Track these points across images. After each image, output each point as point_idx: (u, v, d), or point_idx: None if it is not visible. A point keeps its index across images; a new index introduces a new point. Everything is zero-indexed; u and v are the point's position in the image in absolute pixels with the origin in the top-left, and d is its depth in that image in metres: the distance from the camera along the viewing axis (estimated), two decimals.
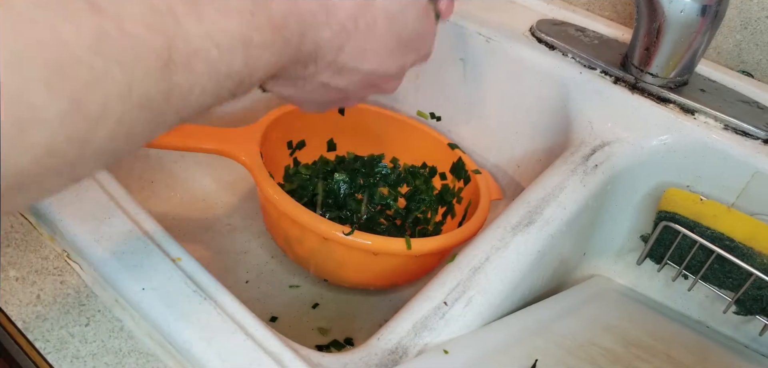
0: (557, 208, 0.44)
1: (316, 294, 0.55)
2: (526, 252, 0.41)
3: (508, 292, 0.39)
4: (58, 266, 0.34)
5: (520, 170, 0.60)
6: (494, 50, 0.59)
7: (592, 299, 0.48)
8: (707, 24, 0.48)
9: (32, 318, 0.31)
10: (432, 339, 0.35)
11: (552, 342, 0.39)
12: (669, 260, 0.51)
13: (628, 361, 0.40)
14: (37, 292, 0.32)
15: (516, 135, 0.60)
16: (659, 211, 0.51)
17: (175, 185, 0.60)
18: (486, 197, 0.53)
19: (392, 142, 0.63)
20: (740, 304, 0.49)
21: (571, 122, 0.53)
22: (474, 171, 0.56)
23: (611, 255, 0.55)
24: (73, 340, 0.30)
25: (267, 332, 0.31)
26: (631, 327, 0.45)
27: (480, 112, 0.62)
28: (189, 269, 0.34)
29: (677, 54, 0.50)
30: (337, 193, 0.60)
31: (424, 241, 0.47)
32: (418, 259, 0.48)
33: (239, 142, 0.51)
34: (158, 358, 0.30)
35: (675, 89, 0.51)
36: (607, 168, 0.48)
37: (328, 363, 0.32)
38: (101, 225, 0.35)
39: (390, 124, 0.62)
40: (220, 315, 0.31)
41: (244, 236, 0.58)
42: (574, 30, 0.60)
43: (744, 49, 0.55)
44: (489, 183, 0.56)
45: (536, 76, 0.57)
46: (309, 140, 0.61)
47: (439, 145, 0.60)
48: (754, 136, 0.49)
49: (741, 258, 0.47)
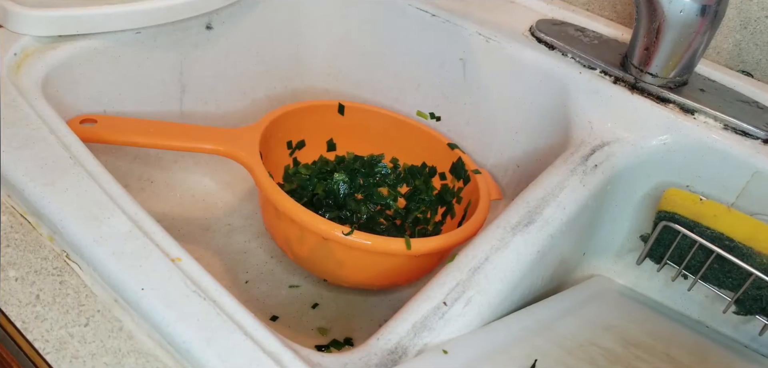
0: (557, 208, 0.44)
1: (316, 294, 0.55)
2: (526, 252, 0.41)
3: (508, 292, 0.39)
4: (57, 266, 0.34)
5: (520, 170, 0.60)
6: (494, 50, 0.59)
7: (591, 299, 0.48)
8: (707, 24, 0.48)
9: (31, 318, 0.31)
10: (431, 339, 0.35)
11: (552, 342, 0.39)
12: (669, 260, 0.51)
13: (628, 361, 0.40)
14: (36, 292, 0.32)
15: (516, 135, 0.60)
16: (659, 211, 0.51)
17: (175, 185, 0.60)
18: (486, 197, 0.53)
19: (392, 142, 0.63)
20: (740, 304, 0.49)
21: (570, 122, 0.53)
22: (474, 171, 0.56)
23: (611, 255, 0.55)
24: (73, 340, 0.30)
25: (266, 332, 0.31)
26: (630, 327, 0.45)
27: (480, 112, 0.62)
28: (189, 269, 0.34)
29: (677, 54, 0.50)
30: (337, 193, 0.60)
31: (424, 241, 0.47)
32: (417, 259, 0.48)
33: (239, 142, 0.51)
34: (158, 358, 0.30)
35: (675, 89, 0.51)
36: (607, 168, 0.48)
37: (327, 363, 0.32)
38: (101, 225, 0.35)
39: (390, 124, 0.62)
40: (220, 315, 0.31)
41: (244, 236, 0.58)
42: (574, 30, 0.60)
43: (744, 49, 0.55)
44: (489, 183, 0.56)
45: (536, 75, 0.57)
46: (309, 140, 0.61)
47: (439, 145, 0.60)
48: (753, 136, 0.49)
49: (741, 258, 0.47)
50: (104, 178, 0.38)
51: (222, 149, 0.51)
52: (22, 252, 0.34)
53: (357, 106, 0.62)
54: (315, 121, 0.61)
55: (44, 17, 0.49)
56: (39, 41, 0.49)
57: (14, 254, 0.34)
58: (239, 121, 0.64)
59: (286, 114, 0.57)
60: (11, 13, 0.48)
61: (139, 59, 0.54)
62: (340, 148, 0.63)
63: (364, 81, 0.69)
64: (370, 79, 0.68)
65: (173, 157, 0.60)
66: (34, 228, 0.36)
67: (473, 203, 0.54)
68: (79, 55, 0.50)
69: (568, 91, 0.55)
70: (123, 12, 0.51)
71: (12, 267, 0.33)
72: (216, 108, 0.62)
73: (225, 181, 0.63)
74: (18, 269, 0.33)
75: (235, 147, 0.51)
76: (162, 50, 0.55)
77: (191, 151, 0.51)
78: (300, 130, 0.60)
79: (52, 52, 0.49)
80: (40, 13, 0.48)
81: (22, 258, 0.34)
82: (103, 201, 0.36)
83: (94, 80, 0.52)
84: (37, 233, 0.35)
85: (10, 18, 0.48)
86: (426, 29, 0.62)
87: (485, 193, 0.54)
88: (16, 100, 0.42)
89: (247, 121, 0.64)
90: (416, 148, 0.62)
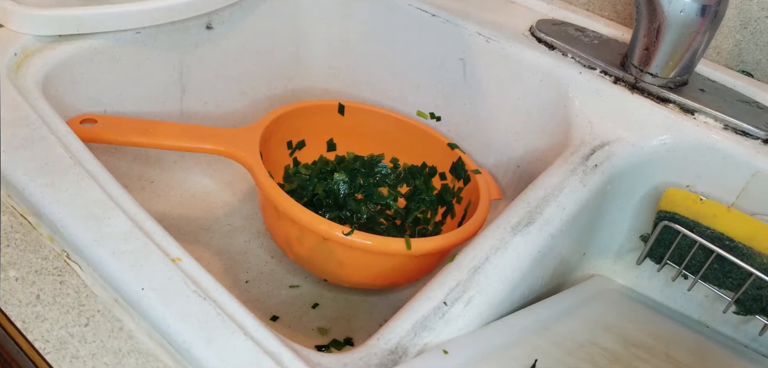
0: (557, 208, 0.44)
1: (316, 294, 0.55)
2: (526, 252, 0.41)
3: (508, 292, 0.39)
4: (57, 266, 0.34)
5: (520, 170, 0.60)
6: (494, 50, 0.59)
7: (592, 299, 0.48)
8: (707, 24, 0.48)
9: (32, 318, 0.31)
10: (432, 339, 0.35)
11: (552, 342, 0.39)
12: (669, 260, 0.51)
13: (628, 361, 0.40)
14: (36, 292, 0.32)
15: (516, 135, 0.60)
16: (659, 211, 0.51)
17: (175, 185, 0.60)
18: (486, 197, 0.53)
19: (392, 142, 0.63)
20: (740, 304, 0.49)
21: (570, 122, 0.53)
22: (474, 171, 0.56)
23: (611, 255, 0.55)
24: (73, 340, 0.30)
25: (267, 332, 0.31)
26: (630, 327, 0.45)
27: (480, 112, 0.62)
28: (189, 269, 0.34)
29: (677, 54, 0.50)
30: (337, 193, 0.59)
31: (424, 241, 0.47)
32: (417, 259, 0.48)
33: (239, 142, 0.51)
34: (158, 358, 0.30)
35: (675, 89, 0.51)
36: (607, 168, 0.48)
37: (327, 363, 0.32)
38: (101, 225, 0.35)
39: (390, 124, 0.62)
40: (220, 315, 0.31)
41: (244, 236, 0.58)
42: (574, 30, 0.60)
43: (744, 49, 0.55)
44: (489, 183, 0.56)
45: (536, 76, 0.57)
46: (309, 140, 0.61)
47: (439, 145, 0.60)
48: (753, 136, 0.49)
49: (741, 258, 0.47)
50: (104, 178, 0.38)
51: (222, 149, 0.51)
52: (22, 252, 0.34)
53: (357, 105, 0.62)
54: (315, 121, 0.61)
55: (44, 17, 0.49)
56: (39, 41, 0.49)
57: (14, 254, 0.34)
58: (239, 121, 0.64)
59: (286, 114, 0.57)
60: (11, 12, 0.48)
61: (139, 59, 0.54)
62: (340, 148, 0.63)
63: (364, 81, 0.69)
64: (370, 79, 0.68)
65: (173, 157, 0.60)
66: (35, 228, 0.36)
67: (473, 203, 0.54)
68: (79, 55, 0.50)
69: (568, 91, 0.55)
70: (123, 12, 0.51)
71: (12, 267, 0.33)
72: (216, 108, 0.62)
73: (225, 181, 0.63)
74: (18, 269, 0.33)
75: (236, 147, 0.51)
76: (162, 50, 0.55)
77: (192, 151, 0.51)
78: (300, 130, 0.60)
79: (52, 52, 0.49)
80: (40, 12, 0.48)
81: (23, 258, 0.34)
82: (104, 201, 0.36)
83: (94, 80, 0.52)
84: (37, 233, 0.35)
85: (10, 18, 0.48)
86: (426, 29, 0.62)
87: (485, 193, 0.54)
88: (16, 100, 0.42)
89: (247, 121, 0.64)
90: (416, 148, 0.62)
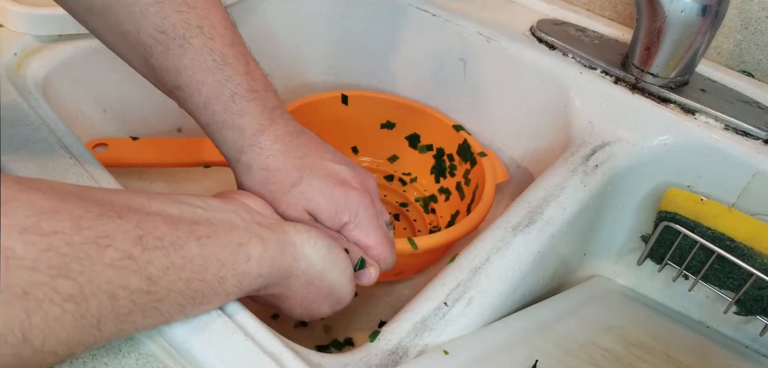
0: (557, 209, 0.44)
1: None
2: (527, 252, 0.41)
3: (509, 293, 0.39)
4: None
5: (520, 170, 0.60)
6: (494, 50, 0.59)
7: (592, 299, 0.48)
8: (708, 24, 0.47)
9: None
10: (432, 340, 0.34)
11: (552, 343, 0.38)
12: (669, 260, 0.51)
13: (629, 361, 0.40)
14: None
15: (516, 135, 0.60)
16: (660, 211, 0.51)
17: (176, 185, 0.60)
18: (491, 181, 0.53)
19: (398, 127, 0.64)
20: (741, 304, 0.49)
21: (571, 122, 0.53)
22: (480, 153, 0.56)
23: (612, 256, 0.55)
24: None
25: (267, 332, 0.31)
26: (631, 328, 0.45)
27: (480, 112, 0.62)
28: None
29: (678, 54, 0.50)
30: None
31: (428, 238, 0.47)
32: (423, 255, 0.49)
33: None
34: (158, 358, 0.30)
35: (675, 89, 0.51)
36: (608, 168, 0.48)
37: (328, 363, 0.32)
38: None
39: (394, 109, 0.63)
40: (220, 315, 0.31)
41: None
42: (575, 30, 0.60)
43: (744, 49, 0.55)
44: (495, 165, 0.56)
45: (536, 76, 0.57)
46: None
47: (444, 127, 0.61)
48: (754, 136, 0.49)
49: (741, 258, 0.47)
50: (105, 178, 0.38)
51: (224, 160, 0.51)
52: None
53: (360, 93, 0.63)
54: (316, 120, 0.61)
55: (44, 17, 0.48)
56: (39, 41, 0.49)
57: None
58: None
59: (291, 112, 0.57)
60: (11, 12, 0.48)
61: None
62: (347, 139, 0.64)
63: (364, 81, 0.69)
64: (370, 78, 0.68)
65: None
66: None
67: (480, 186, 0.54)
68: (79, 55, 0.50)
69: (568, 91, 0.54)
70: None
71: None
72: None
73: (227, 183, 0.62)
74: None
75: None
76: None
77: (194, 166, 0.52)
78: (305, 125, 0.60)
79: (52, 52, 0.49)
80: (40, 12, 0.48)
81: None
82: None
83: (94, 80, 0.52)
84: None
85: (10, 17, 0.48)
86: (426, 29, 0.62)
87: (491, 177, 0.53)
88: (16, 100, 0.42)
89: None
90: (423, 132, 0.63)
